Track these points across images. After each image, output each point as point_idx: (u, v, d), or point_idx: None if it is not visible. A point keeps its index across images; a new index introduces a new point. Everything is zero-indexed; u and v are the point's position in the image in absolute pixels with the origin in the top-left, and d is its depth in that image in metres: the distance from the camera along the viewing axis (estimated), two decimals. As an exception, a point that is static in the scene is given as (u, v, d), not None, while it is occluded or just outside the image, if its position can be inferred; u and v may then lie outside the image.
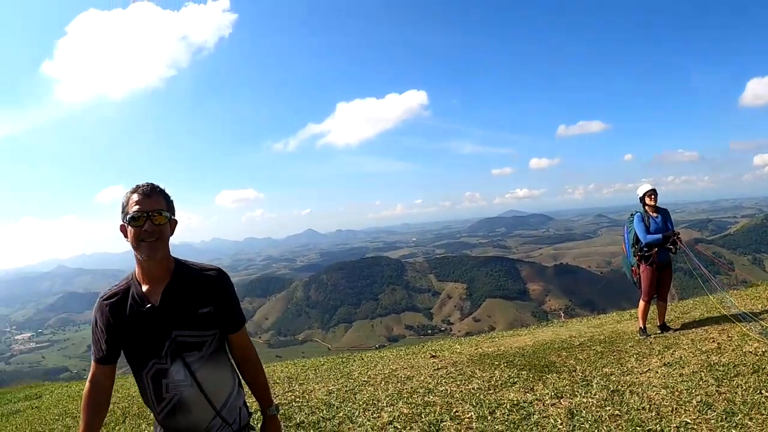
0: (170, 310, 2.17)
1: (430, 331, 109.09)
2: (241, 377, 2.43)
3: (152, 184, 2.22)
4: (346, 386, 5.68)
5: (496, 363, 5.87)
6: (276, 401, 4.82)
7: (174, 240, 2.29)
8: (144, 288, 2.22)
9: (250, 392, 2.48)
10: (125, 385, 7.85)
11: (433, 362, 6.44)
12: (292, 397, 5.54)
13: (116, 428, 5.52)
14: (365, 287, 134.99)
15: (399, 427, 4.26)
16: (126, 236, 2.21)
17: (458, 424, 4.18)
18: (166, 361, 2.15)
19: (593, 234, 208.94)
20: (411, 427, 4.22)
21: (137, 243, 2.15)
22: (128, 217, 2.14)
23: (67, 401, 8.02)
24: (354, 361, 7.58)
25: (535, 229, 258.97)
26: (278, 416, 2.52)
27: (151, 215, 2.14)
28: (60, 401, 8.18)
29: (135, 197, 2.16)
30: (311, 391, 5.65)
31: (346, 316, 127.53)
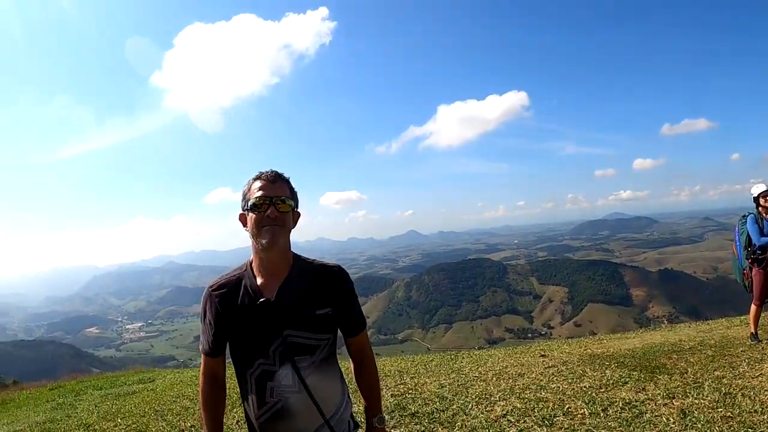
0: (285, 307, 2.00)
1: (530, 335, 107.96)
2: (355, 383, 2.27)
3: (276, 171, 2.09)
4: (458, 381, 5.82)
5: (607, 363, 5.84)
6: (389, 393, 5.35)
7: None
8: (259, 281, 2.05)
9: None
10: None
11: (543, 361, 6.43)
12: (405, 389, 5.70)
13: (232, 411, 5.58)
14: (466, 289, 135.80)
15: (513, 420, 4.34)
16: (245, 225, 2.08)
17: (571, 419, 4.22)
18: (274, 363, 1.97)
19: (699, 238, 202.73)
20: (524, 421, 4.29)
21: (258, 229, 1.99)
22: (250, 203, 2.02)
23: (181, 385, 8.37)
24: (463, 358, 7.58)
25: (639, 233, 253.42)
26: (383, 428, 2.27)
27: (274, 201, 2.01)
28: (174, 385, 8.57)
29: (258, 184, 2.04)
30: (423, 384, 5.82)
31: (446, 317, 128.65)
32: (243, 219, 2.12)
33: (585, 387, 5.04)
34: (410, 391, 5.61)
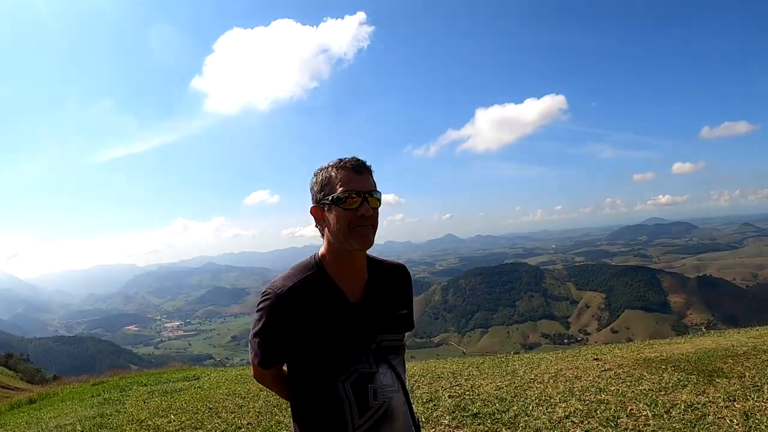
0: (376, 310, 1.86)
1: (566, 341, 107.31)
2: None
3: (360, 159, 1.83)
4: (514, 383, 5.81)
5: (663, 367, 5.81)
6: (446, 394, 5.47)
7: (316, 241, 1.91)
8: (339, 282, 1.84)
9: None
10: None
11: (597, 364, 6.39)
12: (461, 390, 5.72)
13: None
14: (503, 293, 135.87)
15: (576, 421, 4.34)
16: (320, 220, 1.85)
17: (635, 420, 4.23)
18: (370, 366, 1.80)
19: (739, 244, 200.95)
20: (588, 422, 4.28)
21: (348, 228, 1.75)
22: (334, 197, 1.75)
23: (229, 383, 8.42)
24: (514, 360, 7.57)
25: (677, 238, 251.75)
26: None
27: (367, 196, 1.76)
28: (221, 383, 8.61)
29: (343, 174, 1.77)
30: (479, 386, 5.82)
31: (482, 321, 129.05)
32: (318, 213, 1.86)
33: (644, 390, 5.05)
34: (467, 393, 5.63)
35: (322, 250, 1.89)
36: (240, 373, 10.38)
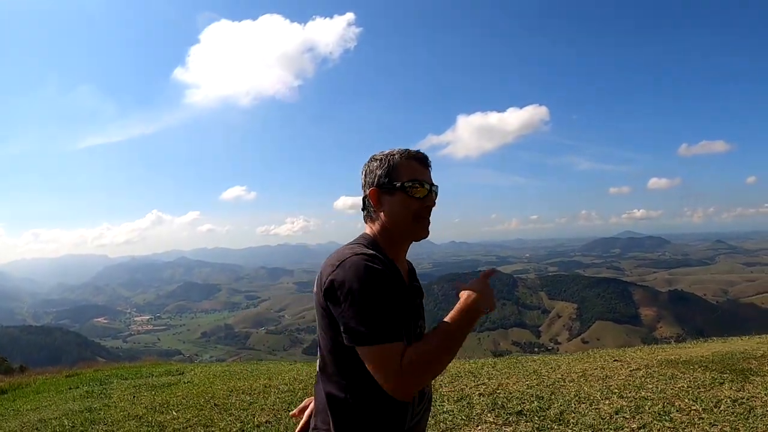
0: (417, 297, 1.85)
1: (536, 349, 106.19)
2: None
3: (425, 153, 1.82)
4: (543, 382, 5.69)
5: (691, 367, 5.76)
6: (476, 392, 5.36)
7: (290, 240, 2.10)
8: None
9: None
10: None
11: (621, 365, 6.31)
12: (490, 389, 5.55)
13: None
14: None
15: (627, 416, 4.28)
16: (377, 205, 1.76)
17: (687, 415, 4.19)
18: None
19: (710, 260, 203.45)
20: (640, 417, 4.23)
21: (416, 218, 1.73)
22: (404, 183, 1.71)
23: (224, 379, 8.29)
24: (528, 362, 7.44)
25: (650, 252, 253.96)
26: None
27: (432, 189, 1.77)
28: (213, 378, 8.49)
29: (411, 164, 1.76)
30: (505, 385, 5.67)
31: None
32: (376, 196, 1.76)
33: (683, 387, 5.03)
34: (497, 391, 5.50)
35: (371, 233, 1.79)
36: (227, 369, 10.16)
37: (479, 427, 4.49)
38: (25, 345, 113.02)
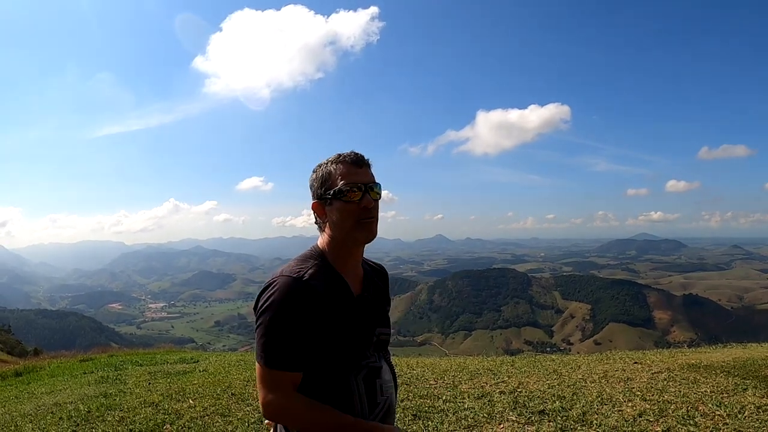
0: (373, 304, 1.86)
1: (548, 349, 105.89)
2: None
3: (358, 153, 1.81)
4: (564, 382, 5.65)
5: (713, 372, 5.71)
6: (497, 390, 5.35)
7: (306, 232, 2.19)
8: (343, 275, 1.80)
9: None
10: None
11: (641, 367, 6.28)
12: (510, 387, 5.53)
13: None
14: (489, 297, 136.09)
15: (651, 419, 4.24)
16: (322, 216, 1.81)
17: (711, 420, 4.15)
18: (376, 360, 1.80)
19: (726, 266, 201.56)
20: (665, 420, 4.20)
21: (353, 221, 1.73)
22: (336, 190, 1.73)
23: (240, 369, 8.26)
24: (547, 361, 7.42)
25: (666, 255, 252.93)
26: None
27: (368, 188, 1.75)
28: (229, 368, 8.50)
29: (342, 168, 1.76)
30: (525, 384, 5.65)
31: (466, 324, 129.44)
32: (319, 209, 1.82)
33: (706, 392, 4.98)
34: (518, 390, 5.46)
35: (321, 244, 1.85)
36: (240, 358, 10.12)
37: (501, 426, 4.44)
38: (39, 328, 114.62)
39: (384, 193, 1.83)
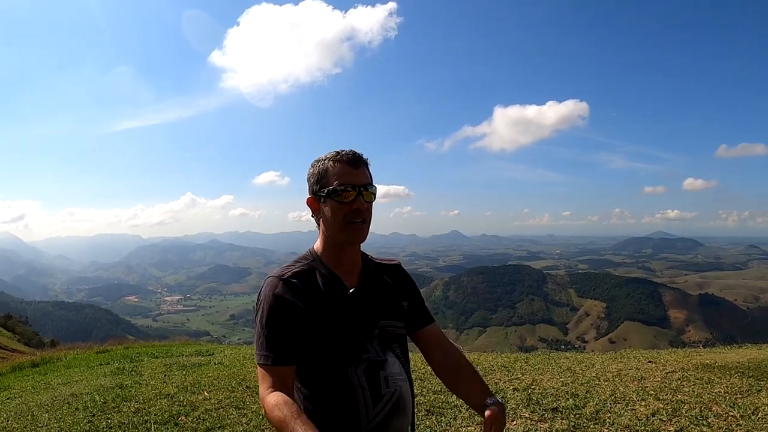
0: (373, 296, 1.84)
1: (563, 347, 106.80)
2: (447, 372, 1.99)
3: (356, 152, 1.82)
4: (577, 380, 5.65)
5: (727, 372, 5.68)
6: (510, 386, 5.35)
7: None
8: (336, 271, 1.83)
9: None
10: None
11: (656, 366, 6.26)
12: (524, 384, 5.55)
13: None
14: (504, 294, 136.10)
15: (664, 419, 4.23)
16: (315, 211, 1.85)
17: (724, 420, 4.13)
18: (378, 354, 1.77)
19: (743, 265, 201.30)
20: (678, 420, 4.17)
21: (342, 222, 1.75)
22: (329, 189, 1.75)
23: (256, 362, 8.24)
24: (561, 358, 7.42)
25: (682, 254, 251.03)
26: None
27: (361, 190, 1.75)
28: (244, 360, 8.60)
29: (338, 167, 1.76)
30: (540, 381, 5.66)
31: (481, 321, 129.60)
32: (313, 204, 1.85)
33: (720, 392, 4.93)
34: (532, 387, 5.46)
35: (317, 243, 1.90)
36: (254, 351, 10.20)
37: (515, 422, 4.45)
38: (56, 320, 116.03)
39: (400, 188, 1.88)
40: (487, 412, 1.73)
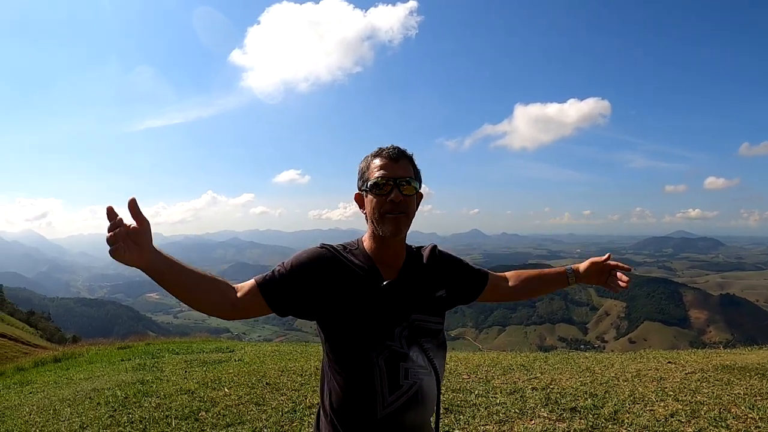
0: (410, 290, 1.85)
1: (582, 347, 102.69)
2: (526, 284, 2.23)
3: (399, 147, 1.86)
4: (596, 380, 5.64)
5: (747, 374, 5.62)
6: (529, 386, 5.41)
7: (342, 225, 2.50)
8: (377, 262, 1.86)
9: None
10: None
11: (676, 367, 6.25)
12: (543, 383, 5.57)
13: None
14: None
15: (683, 420, 4.22)
16: (362, 207, 1.90)
17: (743, 422, 4.11)
18: (401, 346, 1.77)
19: (765, 266, 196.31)
20: (696, 422, 4.16)
21: (380, 216, 1.79)
22: (369, 183, 1.80)
23: (275, 359, 8.35)
24: (580, 358, 7.44)
25: (703, 254, 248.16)
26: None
27: (398, 183, 1.79)
28: (264, 357, 8.64)
29: (378, 161, 1.82)
30: (558, 380, 5.67)
31: (500, 319, 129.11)
32: (360, 199, 1.91)
33: (740, 394, 4.89)
34: (550, 386, 5.46)
35: (365, 235, 1.94)
36: (276, 348, 10.31)
37: (533, 422, 4.45)
38: (78, 316, 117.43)
39: (423, 187, 1.89)
40: (600, 260, 2.22)
